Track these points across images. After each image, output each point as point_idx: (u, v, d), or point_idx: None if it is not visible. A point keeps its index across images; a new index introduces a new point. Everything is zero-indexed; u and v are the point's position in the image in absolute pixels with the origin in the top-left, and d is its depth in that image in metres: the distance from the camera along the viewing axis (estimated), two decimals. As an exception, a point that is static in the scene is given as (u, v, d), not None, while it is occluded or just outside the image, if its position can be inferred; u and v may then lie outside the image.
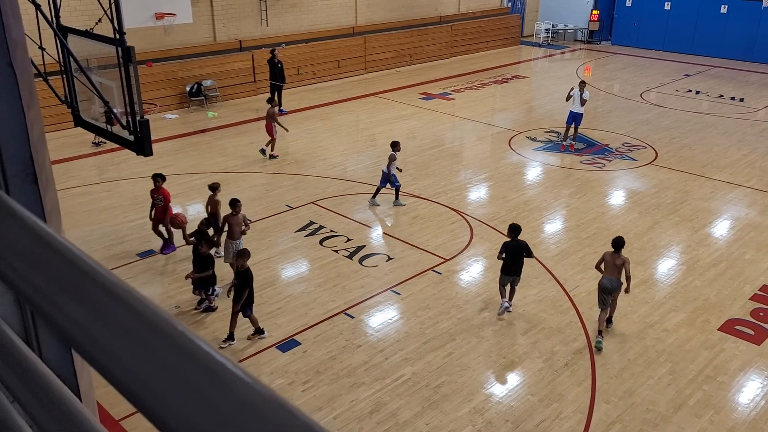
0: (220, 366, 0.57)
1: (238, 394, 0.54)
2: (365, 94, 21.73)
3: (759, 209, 12.97)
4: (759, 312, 9.48)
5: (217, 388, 0.55)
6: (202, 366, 0.58)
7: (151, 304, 0.67)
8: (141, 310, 0.66)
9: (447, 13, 27.69)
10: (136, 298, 0.68)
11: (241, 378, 0.56)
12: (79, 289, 0.71)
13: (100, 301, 0.69)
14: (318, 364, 8.25)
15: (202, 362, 0.58)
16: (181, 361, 0.59)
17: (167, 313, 0.66)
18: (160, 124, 17.88)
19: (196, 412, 0.55)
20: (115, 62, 8.18)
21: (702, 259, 11.01)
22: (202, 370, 0.57)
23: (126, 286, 0.72)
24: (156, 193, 10.94)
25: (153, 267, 10.58)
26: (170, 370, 0.58)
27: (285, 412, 0.51)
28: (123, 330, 0.65)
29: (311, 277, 10.35)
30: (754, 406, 7.61)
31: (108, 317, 0.67)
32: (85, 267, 0.73)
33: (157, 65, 18.78)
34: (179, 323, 0.64)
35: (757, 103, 20.82)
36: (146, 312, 0.66)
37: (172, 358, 0.59)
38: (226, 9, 20.56)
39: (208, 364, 0.57)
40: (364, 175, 14.49)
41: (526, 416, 7.39)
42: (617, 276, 8.70)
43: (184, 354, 0.59)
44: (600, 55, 28.73)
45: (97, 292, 0.70)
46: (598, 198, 13.52)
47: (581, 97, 15.72)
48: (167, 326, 0.63)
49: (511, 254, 9.14)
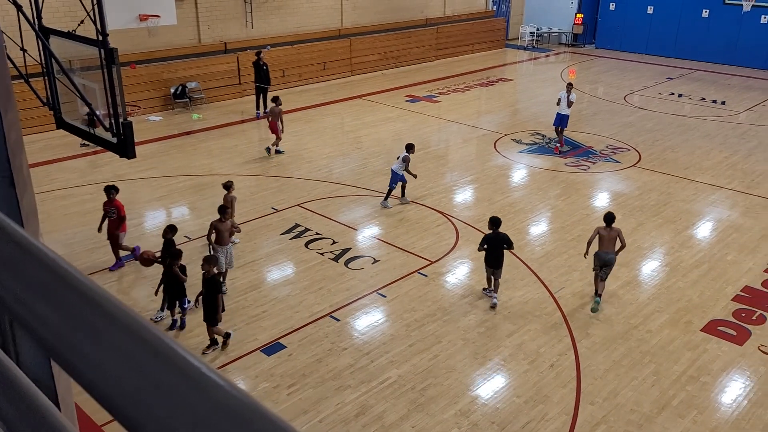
0: (196, 371, 0.56)
1: (215, 398, 0.53)
2: (351, 96, 21.72)
3: (740, 211, 13.12)
4: (741, 313, 9.58)
5: (194, 392, 0.55)
6: (179, 371, 0.57)
7: (128, 310, 0.66)
8: (117, 316, 0.65)
9: (433, 15, 27.76)
10: (113, 303, 0.67)
11: (218, 383, 0.55)
12: (55, 294, 0.70)
13: (76, 306, 0.68)
14: (303, 368, 8.22)
15: (179, 367, 0.57)
16: (157, 366, 0.58)
17: (144, 319, 0.65)
18: (144, 126, 17.75)
19: (172, 417, 0.54)
20: (98, 64, 8.10)
21: (685, 260, 11.10)
22: (179, 375, 0.56)
23: (102, 291, 0.71)
24: (109, 205, 10.53)
25: (136, 270, 10.48)
26: (147, 375, 0.57)
27: (261, 416, 0.50)
28: (99, 336, 0.64)
29: (297, 280, 10.31)
30: (736, 406, 7.69)
31: (84, 323, 0.65)
32: (61, 272, 0.71)
33: (141, 67, 18.66)
34: (156, 328, 0.63)
35: (738, 106, 21.06)
36: (123, 317, 0.65)
37: (149, 363, 0.58)
38: (210, 11, 20.47)
39: (185, 369, 0.56)
40: (349, 178, 14.48)
41: (511, 418, 7.40)
42: (612, 248, 9.39)
43: (161, 359, 0.58)
44: (584, 59, 28.94)
45: (72, 297, 0.68)
46: (582, 200, 13.61)
47: (568, 99, 15.87)
48: (144, 332, 0.62)
49: (491, 246, 9.46)
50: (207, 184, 14.12)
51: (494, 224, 9.48)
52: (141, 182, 14.19)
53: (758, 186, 14.40)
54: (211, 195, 13.49)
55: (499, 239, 9.44)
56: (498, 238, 9.45)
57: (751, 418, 7.49)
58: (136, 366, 0.59)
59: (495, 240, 9.44)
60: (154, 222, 12.50)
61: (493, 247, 9.44)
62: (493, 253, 9.46)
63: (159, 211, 12.96)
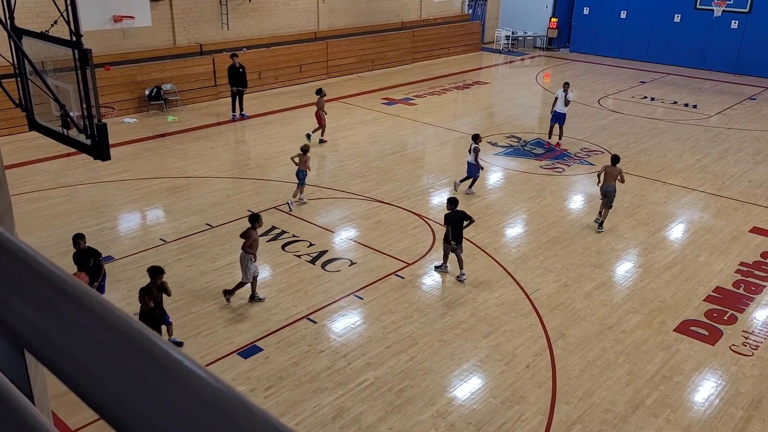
0: (177, 363, 0.57)
1: (196, 391, 0.54)
2: (327, 99, 21.67)
3: (712, 213, 13.36)
4: (713, 313, 9.75)
5: (174, 385, 0.55)
6: (159, 364, 0.57)
7: (107, 304, 0.66)
8: (96, 310, 0.65)
9: (409, 19, 27.86)
10: (92, 297, 0.67)
11: (200, 375, 0.55)
12: (32, 288, 0.70)
13: (54, 300, 0.68)
14: (280, 370, 8.18)
15: (160, 360, 0.57)
16: (137, 359, 0.58)
17: (124, 312, 0.66)
18: (119, 128, 17.55)
19: (153, 409, 0.54)
20: (72, 65, 8.01)
21: (658, 261, 11.27)
22: (159, 368, 0.57)
23: (81, 285, 0.71)
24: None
25: (110, 273, 10.35)
26: (127, 368, 0.58)
27: (243, 407, 0.51)
28: (78, 330, 0.64)
29: (273, 282, 10.27)
30: (708, 405, 7.82)
31: (63, 317, 0.66)
32: (38, 266, 0.71)
33: (115, 68, 18.45)
34: (136, 321, 0.64)
35: (710, 110, 21.45)
36: (102, 311, 0.65)
37: (129, 356, 0.58)
38: (186, 12, 20.31)
39: (165, 362, 0.57)
40: (326, 180, 14.46)
41: (488, 419, 7.45)
42: (613, 182, 11.66)
43: (141, 352, 0.58)
44: (559, 62, 29.25)
45: (50, 292, 0.68)
46: (557, 202, 13.75)
47: (565, 98, 16.41)
48: (124, 325, 0.62)
49: (452, 224, 10.29)
50: (182, 187, 14.00)
51: (452, 203, 10.40)
52: (115, 185, 14.03)
53: (729, 188, 14.68)
54: (186, 198, 13.39)
55: (458, 216, 10.31)
56: (456, 215, 10.31)
57: (723, 416, 7.62)
58: (116, 359, 0.60)
59: (454, 218, 10.28)
60: (129, 225, 12.37)
61: (454, 224, 10.27)
62: (454, 230, 10.27)
63: (133, 214, 12.82)
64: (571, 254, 11.36)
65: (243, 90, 18.89)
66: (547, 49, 31.82)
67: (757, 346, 8.99)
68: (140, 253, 11.03)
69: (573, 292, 10.19)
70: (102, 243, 11.28)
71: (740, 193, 14.38)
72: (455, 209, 10.37)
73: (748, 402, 7.86)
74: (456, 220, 10.30)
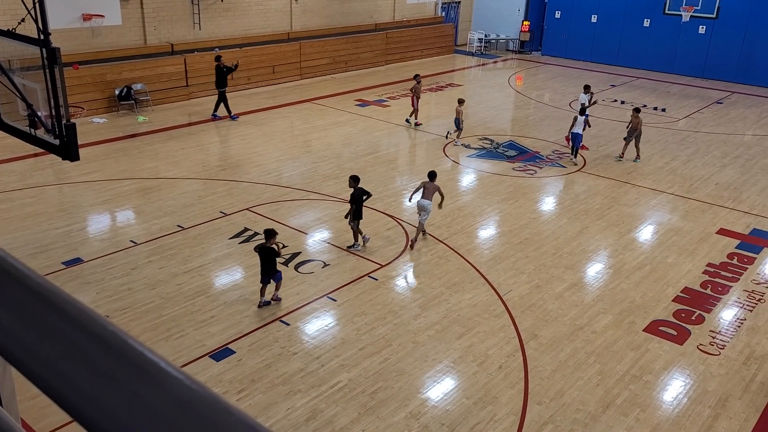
0: (152, 364, 0.56)
1: (172, 392, 0.53)
2: (300, 100, 21.63)
3: (680, 214, 13.61)
4: (681, 313, 9.93)
5: (150, 387, 0.54)
6: (134, 365, 0.56)
7: (80, 305, 0.65)
8: (70, 311, 0.64)
9: (382, 20, 27.90)
10: (64, 297, 0.65)
11: (176, 376, 0.54)
12: (2, 290, 0.68)
13: (25, 302, 0.66)
14: (253, 373, 8.12)
15: (135, 361, 0.56)
16: (112, 361, 0.57)
17: (97, 314, 0.64)
18: (88, 128, 17.28)
19: (129, 412, 0.53)
20: (40, 64, 7.86)
21: (628, 262, 11.44)
22: (134, 370, 0.56)
23: (52, 286, 0.69)
24: None
25: (80, 276, 10.19)
26: (101, 370, 0.57)
27: (220, 408, 0.50)
28: (51, 332, 0.62)
29: (246, 285, 10.19)
30: (677, 404, 7.96)
31: (34, 319, 0.64)
32: (7, 267, 0.70)
33: (84, 68, 18.15)
34: (110, 323, 0.62)
35: (678, 113, 21.86)
36: (75, 312, 0.63)
37: (103, 358, 0.57)
38: (157, 11, 20.07)
39: (140, 363, 0.56)
40: (299, 182, 14.40)
41: (461, 419, 7.48)
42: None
43: (115, 353, 0.57)
44: (531, 65, 29.55)
45: (21, 293, 0.67)
46: (529, 204, 13.88)
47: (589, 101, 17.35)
48: (98, 327, 0.61)
49: (354, 200, 11.05)
50: (153, 188, 13.83)
51: (354, 180, 11.18)
52: (84, 185, 13.80)
53: (697, 190, 14.97)
54: (157, 199, 13.22)
55: (358, 194, 11.04)
56: (356, 192, 11.05)
57: (690, 415, 7.76)
58: (91, 361, 0.58)
59: (357, 196, 11.04)
60: (98, 227, 12.17)
61: (355, 200, 11.03)
62: (357, 206, 11.02)
63: (103, 216, 12.62)
64: (543, 255, 11.47)
65: (224, 91, 18.78)
66: (519, 52, 32.13)
67: (724, 345, 9.17)
68: (110, 255, 10.86)
69: (545, 293, 10.29)
70: (71, 245, 11.10)
71: (708, 196, 14.67)
72: (357, 186, 11.09)
73: (715, 400, 8.02)
74: (358, 196, 11.00)
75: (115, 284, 9.99)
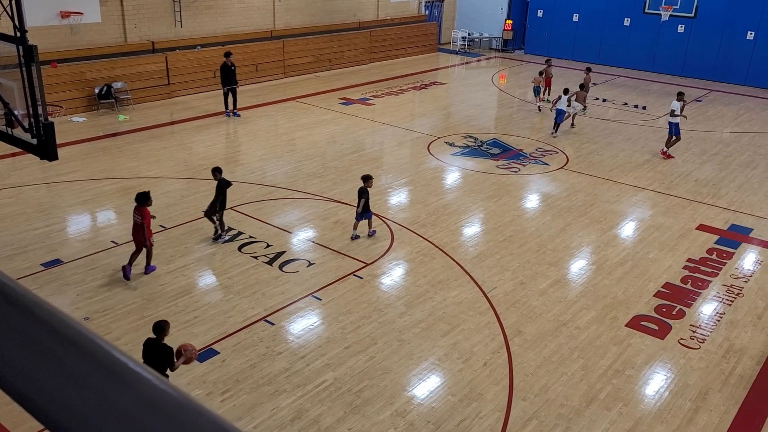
0: (121, 365, 0.54)
1: (141, 393, 0.51)
2: (284, 98, 21.54)
3: (661, 211, 13.73)
4: (662, 308, 10.02)
5: (119, 387, 0.52)
6: (102, 366, 0.54)
7: (48, 306, 0.63)
8: (37, 313, 0.62)
9: (366, 19, 27.86)
10: (31, 299, 0.63)
11: (145, 377, 0.53)
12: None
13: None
14: (237, 373, 8.07)
15: (103, 362, 0.54)
16: (79, 362, 0.55)
17: (65, 314, 0.62)
18: (67, 127, 17.08)
19: (97, 413, 0.51)
20: (16, 62, 7.75)
21: (610, 258, 11.53)
22: (102, 370, 0.54)
23: (20, 287, 0.67)
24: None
25: (59, 277, 10.06)
26: (69, 371, 0.55)
27: (191, 409, 0.49)
28: (16, 333, 0.60)
29: (230, 284, 10.13)
30: (659, 398, 8.03)
31: (1, 321, 0.62)
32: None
33: (62, 66, 17.93)
34: (78, 323, 0.61)
35: (658, 111, 22.05)
36: (42, 314, 0.61)
37: (70, 359, 0.55)
38: (137, 9, 19.88)
39: (108, 364, 0.54)
40: (283, 180, 14.34)
41: (447, 416, 7.49)
42: None
43: (83, 354, 0.55)
44: (514, 64, 29.67)
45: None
46: (513, 201, 13.93)
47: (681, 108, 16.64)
48: (65, 327, 0.59)
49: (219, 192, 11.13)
50: (134, 188, 13.67)
51: (218, 172, 11.28)
52: (64, 185, 13.64)
53: (677, 187, 15.11)
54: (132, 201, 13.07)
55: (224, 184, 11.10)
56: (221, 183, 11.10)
57: (672, 408, 7.84)
58: (58, 362, 0.56)
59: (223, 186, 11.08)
60: (78, 227, 12.03)
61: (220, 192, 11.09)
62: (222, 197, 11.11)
63: (83, 216, 12.48)
64: (527, 252, 11.52)
65: (235, 88, 18.80)
66: (502, 50, 32.24)
67: (704, 339, 9.27)
68: (91, 255, 10.74)
69: (529, 289, 10.34)
70: (50, 246, 10.96)
71: (687, 192, 14.82)
72: (221, 177, 11.16)
73: (695, 394, 8.10)
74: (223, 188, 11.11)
75: (96, 285, 9.89)
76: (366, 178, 11.64)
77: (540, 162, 16.43)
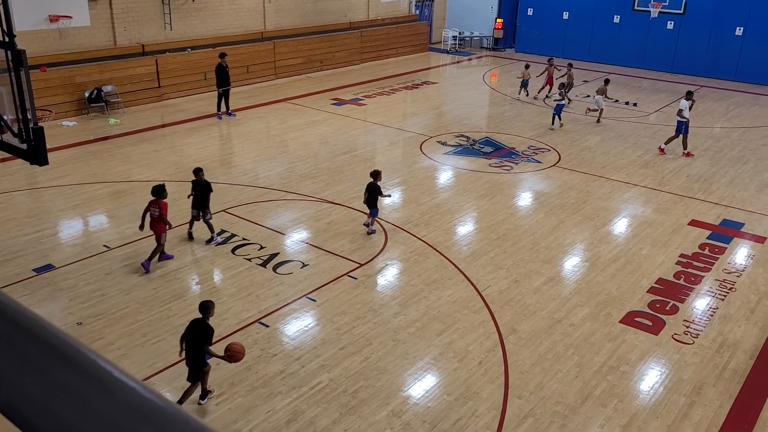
0: (105, 373, 0.53)
1: (125, 400, 0.50)
2: (276, 99, 21.50)
3: (653, 207, 13.78)
4: (656, 304, 10.05)
5: (102, 395, 0.51)
6: (86, 374, 0.53)
7: (31, 314, 0.62)
8: (20, 321, 0.61)
9: (356, 19, 27.84)
10: (15, 307, 0.62)
11: (129, 385, 0.52)
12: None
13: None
14: (232, 376, 8.05)
15: (87, 370, 0.53)
16: (63, 370, 0.54)
17: (48, 322, 0.61)
18: (57, 131, 16.99)
19: (81, 421, 0.50)
20: (5, 67, 7.70)
21: (603, 255, 11.56)
22: (86, 378, 0.53)
23: (3, 295, 0.66)
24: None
25: (52, 283, 10.01)
26: (53, 379, 0.54)
27: (175, 416, 0.48)
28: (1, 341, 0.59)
29: (224, 287, 10.10)
30: (653, 393, 8.05)
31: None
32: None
33: (52, 70, 17.84)
34: (62, 332, 0.60)
35: (649, 108, 22.13)
36: (26, 322, 0.60)
37: (55, 367, 0.54)
38: (126, 12, 19.80)
39: (92, 372, 0.53)
40: (276, 182, 14.31)
41: (442, 416, 7.49)
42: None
43: (67, 362, 0.54)
44: (505, 62, 29.71)
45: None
46: (506, 199, 13.95)
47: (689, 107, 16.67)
48: (49, 336, 0.58)
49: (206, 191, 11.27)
50: (125, 191, 13.65)
51: (199, 172, 11.34)
52: (54, 190, 13.57)
53: (668, 183, 15.17)
54: (129, 202, 13.04)
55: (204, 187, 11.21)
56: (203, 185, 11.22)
57: (666, 403, 7.86)
58: (42, 370, 0.55)
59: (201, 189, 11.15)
60: (70, 232, 11.97)
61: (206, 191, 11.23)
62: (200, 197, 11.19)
63: (75, 221, 12.42)
64: (521, 250, 11.54)
65: (228, 89, 18.79)
66: (493, 49, 32.29)
67: (697, 334, 9.31)
68: (83, 260, 10.69)
69: (523, 287, 10.35)
70: (41, 251, 10.90)
71: (679, 188, 14.88)
72: (202, 180, 11.24)
73: (690, 388, 8.13)
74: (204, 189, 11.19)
75: (88, 290, 9.84)
76: (375, 174, 11.80)
77: (532, 160, 16.46)
